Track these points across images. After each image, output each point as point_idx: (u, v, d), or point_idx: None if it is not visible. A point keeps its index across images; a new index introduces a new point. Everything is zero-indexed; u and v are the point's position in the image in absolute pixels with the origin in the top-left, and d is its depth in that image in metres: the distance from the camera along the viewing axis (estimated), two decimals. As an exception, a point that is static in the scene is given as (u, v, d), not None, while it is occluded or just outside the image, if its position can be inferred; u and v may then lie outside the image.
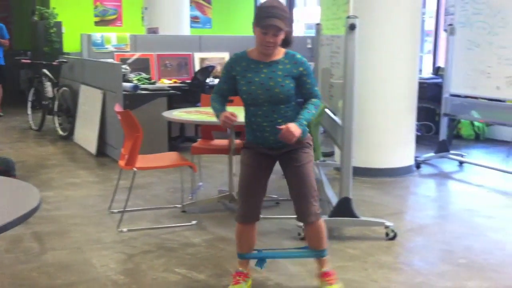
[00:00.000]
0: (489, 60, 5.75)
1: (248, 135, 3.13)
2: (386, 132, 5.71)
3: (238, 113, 3.02)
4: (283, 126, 2.89)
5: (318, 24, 5.72)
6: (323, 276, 3.16)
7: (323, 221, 3.13)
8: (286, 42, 3.02)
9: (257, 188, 3.08)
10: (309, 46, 8.29)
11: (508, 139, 7.00)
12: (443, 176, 5.99)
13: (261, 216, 4.34)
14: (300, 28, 12.21)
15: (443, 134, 6.44)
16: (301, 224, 3.97)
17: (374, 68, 5.57)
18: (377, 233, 4.04)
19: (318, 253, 3.18)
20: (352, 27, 3.82)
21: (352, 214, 3.98)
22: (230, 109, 3.07)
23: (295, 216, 3.12)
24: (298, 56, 3.04)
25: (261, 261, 3.26)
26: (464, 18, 6.05)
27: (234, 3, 12.87)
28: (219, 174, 5.62)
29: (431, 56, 9.17)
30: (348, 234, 4.08)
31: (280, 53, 3.01)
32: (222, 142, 4.95)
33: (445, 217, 4.65)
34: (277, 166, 3.14)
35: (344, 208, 3.98)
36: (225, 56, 8.14)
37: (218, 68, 7.96)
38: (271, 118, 2.99)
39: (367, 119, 5.55)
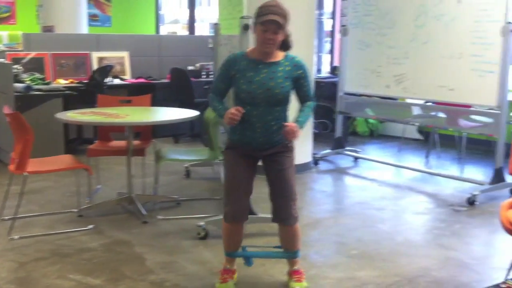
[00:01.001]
0: (379, 59, 6.05)
1: (234, 134, 3.10)
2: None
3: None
4: (288, 124, 2.97)
5: (216, 24, 5.75)
6: (293, 274, 3.23)
7: (298, 225, 3.18)
8: (286, 46, 3.06)
9: (247, 187, 3.11)
10: (211, 45, 8.29)
11: (399, 134, 7.40)
12: (339, 171, 6.23)
13: (161, 217, 4.39)
14: (203, 27, 12.22)
15: (339, 132, 6.70)
16: (201, 224, 3.99)
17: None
18: (274, 229, 4.05)
19: (292, 254, 3.24)
20: (246, 28, 3.90)
21: (250, 212, 4.03)
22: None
23: (271, 217, 3.17)
24: (298, 59, 3.08)
25: (249, 260, 3.32)
26: (356, 19, 6.32)
27: (135, 1, 12.63)
28: (118, 176, 5.50)
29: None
30: (247, 231, 4.10)
31: (279, 55, 3.05)
32: (120, 143, 4.86)
33: (340, 210, 4.85)
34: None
35: (242, 206, 4.02)
36: (125, 55, 7.98)
37: (117, 68, 7.79)
38: (265, 120, 3.02)
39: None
